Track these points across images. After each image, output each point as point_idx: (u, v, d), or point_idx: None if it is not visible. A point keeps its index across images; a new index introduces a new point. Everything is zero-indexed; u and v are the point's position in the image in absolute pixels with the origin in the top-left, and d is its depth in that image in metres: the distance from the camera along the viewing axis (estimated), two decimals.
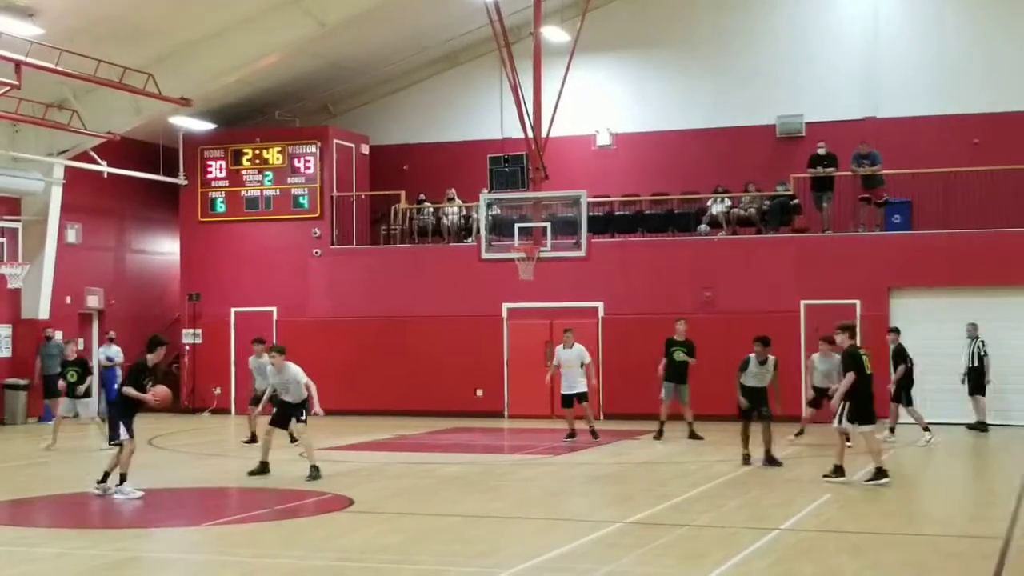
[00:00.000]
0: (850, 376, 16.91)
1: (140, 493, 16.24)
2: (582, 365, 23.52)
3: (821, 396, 21.65)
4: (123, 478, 16.34)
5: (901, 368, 22.89)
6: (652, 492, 16.64)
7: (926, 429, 22.78)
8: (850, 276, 27.38)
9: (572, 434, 23.69)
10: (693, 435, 23.35)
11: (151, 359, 16.81)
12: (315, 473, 17.80)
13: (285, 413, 18.48)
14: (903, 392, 22.90)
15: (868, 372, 17.15)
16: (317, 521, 14.64)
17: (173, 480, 18.67)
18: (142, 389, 16.32)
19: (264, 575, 11.47)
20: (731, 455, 20.45)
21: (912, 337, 24.63)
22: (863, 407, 17.05)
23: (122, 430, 16.44)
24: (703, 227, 29.43)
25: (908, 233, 27.88)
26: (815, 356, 22.51)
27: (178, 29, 26.97)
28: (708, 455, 21.12)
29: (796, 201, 28.85)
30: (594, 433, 23.46)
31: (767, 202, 29.08)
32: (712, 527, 13.80)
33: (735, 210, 29.36)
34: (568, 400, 23.68)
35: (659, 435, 23.43)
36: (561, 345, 23.80)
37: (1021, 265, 26.63)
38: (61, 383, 23.28)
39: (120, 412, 16.62)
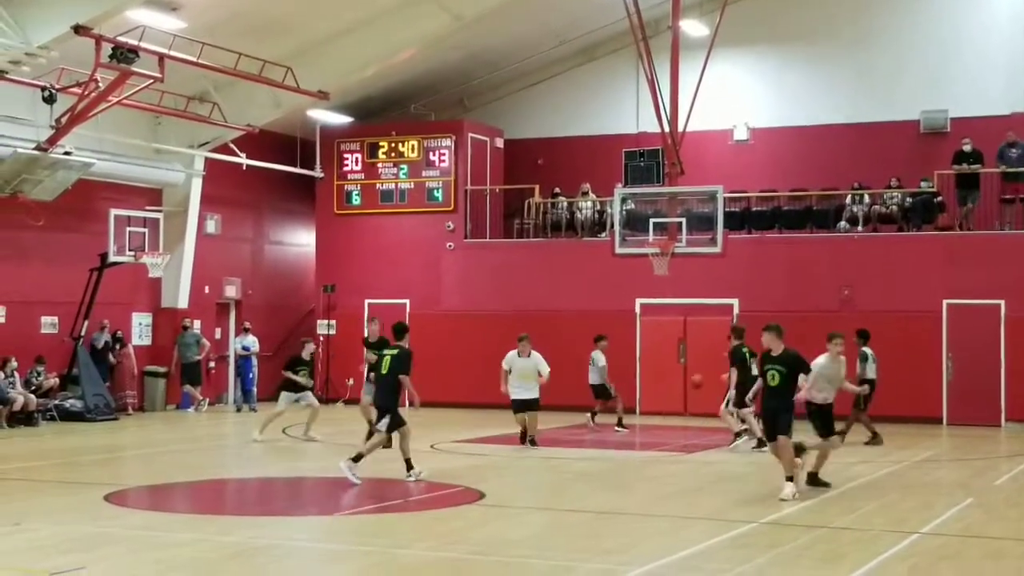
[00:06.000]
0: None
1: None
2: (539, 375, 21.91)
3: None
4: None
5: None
6: None
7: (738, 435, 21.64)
8: (995, 275, 26.66)
9: (529, 439, 21.81)
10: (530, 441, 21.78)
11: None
12: None
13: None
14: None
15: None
16: (449, 513, 14.64)
17: (307, 469, 18.86)
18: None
19: (396, 565, 11.47)
20: (870, 456, 20.06)
21: None
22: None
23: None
24: (843, 224, 28.88)
25: None
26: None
27: (316, 23, 27.24)
28: (846, 457, 20.70)
29: (940, 199, 28.18)
30: (533, 442, 21.75)
31: (909, 199, 28.46)
32: (849, 529, 13.50)
33: (876, 207, 28.78)
34: (524, 405, 21.84)
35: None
36: (516, 352, 22.22)
37: None
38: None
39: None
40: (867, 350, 22.46)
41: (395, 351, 17.28)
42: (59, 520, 13.56)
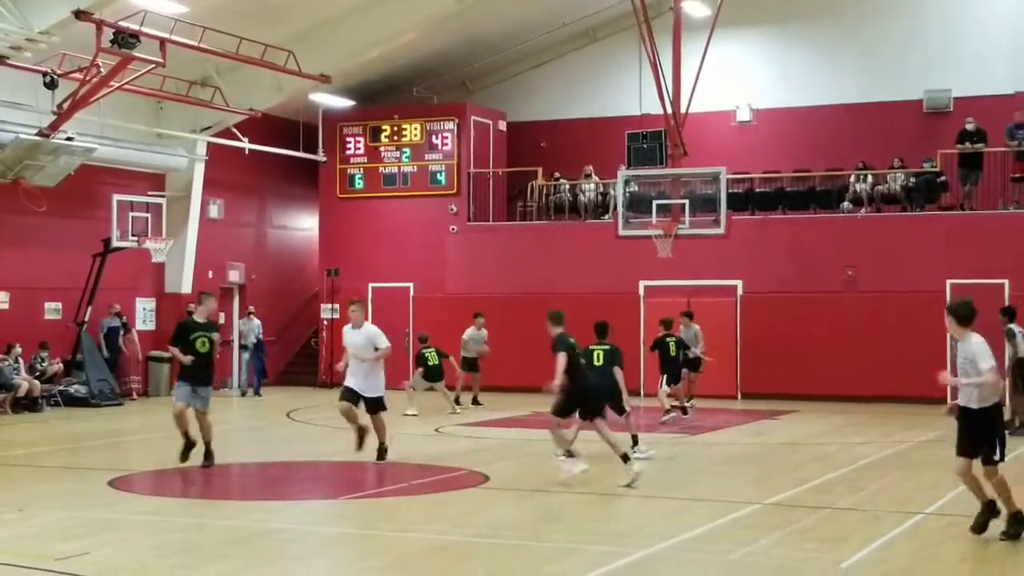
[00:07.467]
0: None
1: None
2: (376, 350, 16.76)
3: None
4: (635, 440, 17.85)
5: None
6: (791, 474, 16.34)
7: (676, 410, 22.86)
8: (999, 255, 26.58)
9: (361, 441, 17.00)
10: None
11: None
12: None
13: None
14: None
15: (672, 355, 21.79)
16: (453, 497, 14.63)
17: (311, 453, 18.86)
18: None
19: (400, 549, 11.46)
20: (874, 437, 20.03)
21: None
22: None
23: None
24: (846, 204, 28.83)
25: None
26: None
27: (318, 6, 27.18)
28: (850, 437, 20.71)
29: (943, 178, 28.11)
30: (382, 452, 17.04)
31: (913, 179, 28.39)
32: (853, 510, 13.48)
33: (879, 187, 28.71)
34: (354, 396, 16.80)
35: None
36: (349, 325, 17.13)
37: None
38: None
39: None
40: (1014, 327, 20.59)
41: (607, 347, 18.09)
42: (63, 505, 13.57)
